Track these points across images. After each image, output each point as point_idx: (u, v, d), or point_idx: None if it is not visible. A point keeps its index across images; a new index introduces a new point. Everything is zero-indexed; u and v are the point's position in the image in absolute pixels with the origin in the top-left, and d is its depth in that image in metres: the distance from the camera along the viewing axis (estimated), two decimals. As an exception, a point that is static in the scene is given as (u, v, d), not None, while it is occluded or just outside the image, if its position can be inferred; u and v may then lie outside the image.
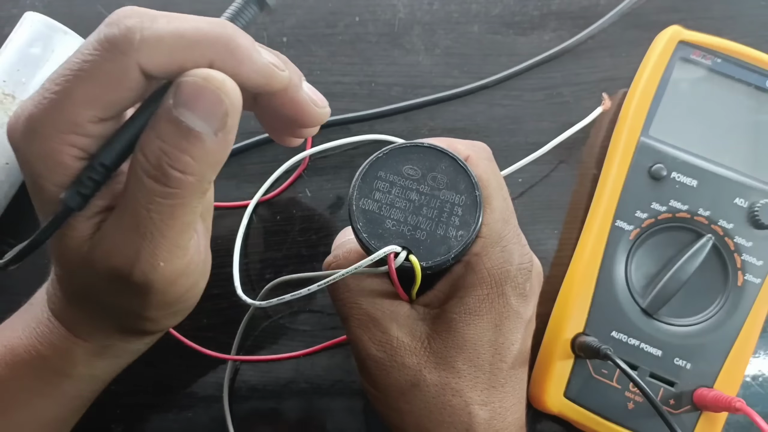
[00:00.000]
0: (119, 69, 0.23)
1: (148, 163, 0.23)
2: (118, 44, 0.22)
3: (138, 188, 0.24)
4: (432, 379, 0.29)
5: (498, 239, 0.29)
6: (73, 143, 0.24)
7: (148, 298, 0.27)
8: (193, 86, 0.23)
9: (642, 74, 0.43)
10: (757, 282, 0.39)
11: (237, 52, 0.24)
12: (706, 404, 0.37)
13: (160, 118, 0.24)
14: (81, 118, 0.23)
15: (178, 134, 0.23)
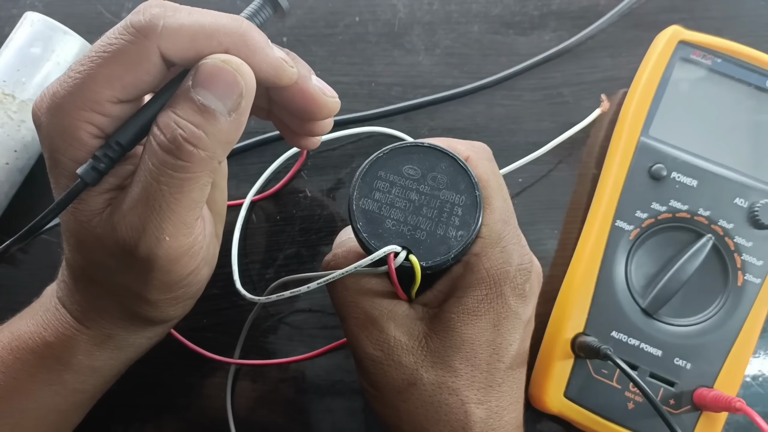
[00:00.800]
0: (141, 52, 0.24)
1: (163, 135, 0.25)
2: (142, 29, 0.24)
3: (151, 160, 0.25)
4: (429, 378, 0.29)
5: (498, 240, 0.29)
6: (91, 120, 0.25)
7: (150, 275, 0.28)
8: (212, 67, 0.25)
9: (642, 74, 0.43)
10: (757, 282, 0.39)
11: (251, 43, 0.26)
12: (706, 404, 0.37)
13: (177, 96, 0.26)
14: (101, 96, 0.25)
15: (194, 111, 0.25)
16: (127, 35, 0.25)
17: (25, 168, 0.43)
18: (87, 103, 0.25)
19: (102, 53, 0.25)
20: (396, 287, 0.29)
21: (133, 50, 0.24)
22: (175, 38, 0.25)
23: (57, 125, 0.26)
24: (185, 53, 0.25)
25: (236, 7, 0.48)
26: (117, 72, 0.25)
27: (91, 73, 0.25)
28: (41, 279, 0.43)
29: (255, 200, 0.44)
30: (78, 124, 0.25)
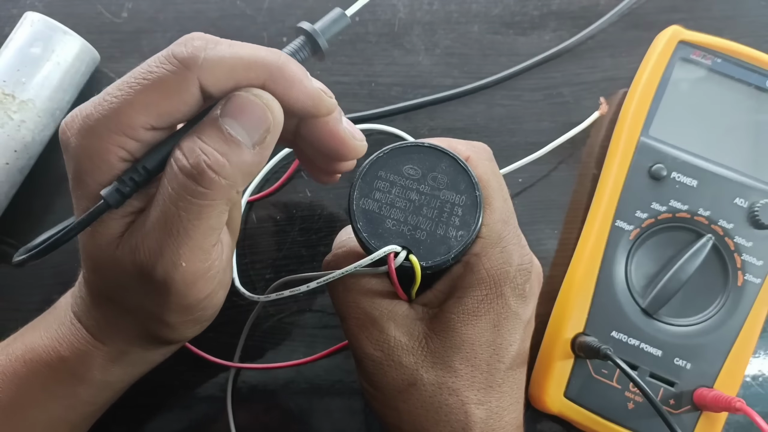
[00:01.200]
0: (181, 82, 0.25)
1: (186, 159, 0.25)
2: (184, 60, 0.25)
3: (171, 185, 0.25)
4: (429, 379, 0.29)
5: (498, 240, 0.29)
6: (122, 145, 0.26)
7: (168, 299, 0.28)
8: (243, 99, 0.26)
9: (642, 74, 0.43)
10: (757, 282, 0.39)
11: (289, 75, 0.26)
12: (706, 404, 0.37)
13: (204, 124, 0.26)
14: (135, 122, 0.25)
15: (220, 139, 0.25)
16: (169, 65, 0.25)
17: (25, 168, 0.43)
18: (121, 127, 0.25)
19: (142, 80, 0.25)
20: (396, 287, 0.29)
21: (173, 80, 0.25)
22: (215, 70, 0.25)
23: (87, 147, 0.26)
24: (224, 85, 0.26)
25: (236, 6, 0.48)
26: (154, 99, 0.25)
27: (128, 98, 0.25)
28: (41, 279, 0.43)
29: (252, 200, 0.44)
30: (109, 148, 0.26)
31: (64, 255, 0.43)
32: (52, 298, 0.42)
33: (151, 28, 0.48)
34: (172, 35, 0.48)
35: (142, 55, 0.48)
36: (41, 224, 0.44)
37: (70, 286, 0.42)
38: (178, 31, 0.48)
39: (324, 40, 0.29)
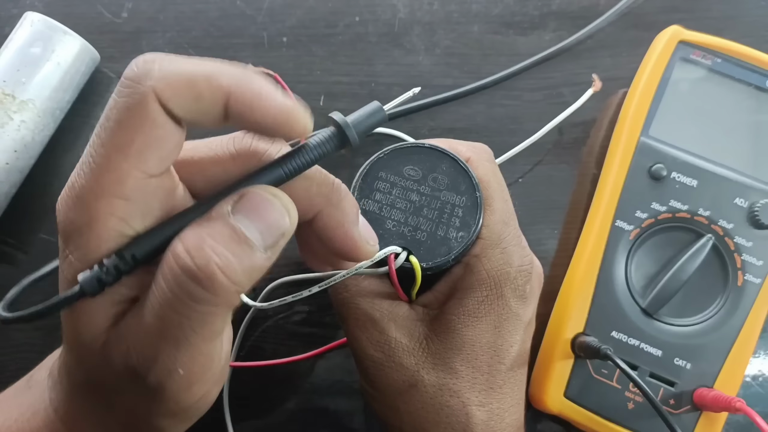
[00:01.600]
0: (141, 104, 0.21)
1: (191, 259, 0.21)
2: (135, 77, 0.21)
3: (170, 287, 0.22)
4: (430, 380, 0.29)
5: (498, 241, 0.29)
6: (112, 210, 0.22)
7: (159, 404, 0.25)
8: (260, 198, 0.23)
9: (642, 74, 0.43)
10: (757, 282, 0.39)
11: (255, 85, 0.23)
12: (706, 404, 0.37)
13: (213, 220, 0.22)
14: (119, 172, 0.22)
15: (232, 239, 0.22)
16: (123, 90, 0.22)
17: (25, 168, 0.43)
18: (107, 186, 0.22)
19: (106, 123, 0.22)
20: (396, 288, 0.29)
21: (131, 105, 0.21)
22: (171, 81, 0.21)
23: (75, 221, 0.23)
24: (185, 100, 0.22)
25: (236, 6, 0.48)
26: (124, 137, 0.21)
27: (101, 149, 0.22)
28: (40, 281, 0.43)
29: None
30: (99, 217, 0.22)
31: (65, 255, 0.43)
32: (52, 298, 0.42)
33: (151, 28, 0.48)
34: (172, 35, 0.48)
35: (142, 55, 0.48)
36: (41, 224, 0.44)
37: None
38: (178, 31, 0.48)
39: (354, 133, 0.25)
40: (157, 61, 0.22)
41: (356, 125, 0.25)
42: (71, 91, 0.45)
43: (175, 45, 0.48)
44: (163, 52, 0.22)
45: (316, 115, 0.47)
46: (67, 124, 0.46)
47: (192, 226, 0.22)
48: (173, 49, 0.48)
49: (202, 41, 0.48)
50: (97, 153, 0.22)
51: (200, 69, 0.22)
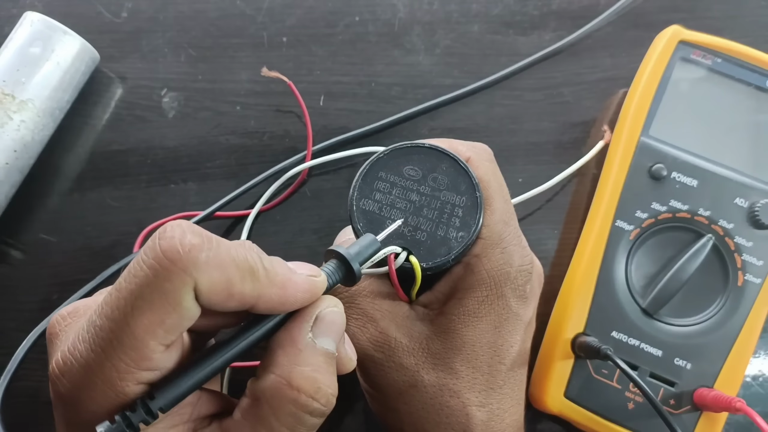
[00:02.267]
0: (179, 290, 0.20)
1: (320, 403, 0.23)
2: (180, 263, 0.20)
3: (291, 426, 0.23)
4: (430, 380, 0.29)
5: (498, 241, 0.29)
6: (140, 380, 0.21)
7: None
8: (332, 315, 0.24)
9: (642, 74, 0.43)
10: (757, 282, 0.39)
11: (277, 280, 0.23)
12: (707, 404, 0.37)
13: (305, 351, 0.23)
14: (148, 350, 0.21)
15: (327, 362, 0.24)
16: (162, 269, 0.20)
17: (25, 168, 0.43)
18: (134, 362, 0.21)
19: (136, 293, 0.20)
20: (396, 288, 0.29)
21: (170, 289, 0.20)
22: (212, 280, 0.21)
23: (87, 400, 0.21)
24: (218, 297, 0.21)
25: (236, 6, 0.48)
26: (157, 318, 0.20)
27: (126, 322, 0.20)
28: (41, 279, 0.43)
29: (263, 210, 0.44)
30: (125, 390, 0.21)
31: (63, 255, 0.43)
32: (51, 298, 0.42)
33: (151, 28, 0.48)
34: (172, 35, 0.48)
35: (142, 55, 0.48)
36: (41, 224, 0.44)
37: (68, 286, 0.43)
38: (177, 30, 0.48)
39: (358, 266, 0.26)
40: (204, 251, 0.21)
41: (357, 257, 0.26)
42: (71, 91, 0.45)
43: (175, 45, 0.48)
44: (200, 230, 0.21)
45: (316, 115, 0.47)
46: (66, 124, 0.46)
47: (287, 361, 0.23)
48: (173, 49, 0.48)
49: (202, 41, 0.48)
50: (119, 328, 0.20)
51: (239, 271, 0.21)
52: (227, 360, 0.23)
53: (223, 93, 0.47)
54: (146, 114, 0.47)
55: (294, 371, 0.23)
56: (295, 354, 0.23)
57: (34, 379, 0.41)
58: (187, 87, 0.47)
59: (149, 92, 0.47)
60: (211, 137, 0.46)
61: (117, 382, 0.21)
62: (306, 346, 0.23)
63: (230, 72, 0.47)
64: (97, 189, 0.45)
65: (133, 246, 0.42)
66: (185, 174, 0.45)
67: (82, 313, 0.24)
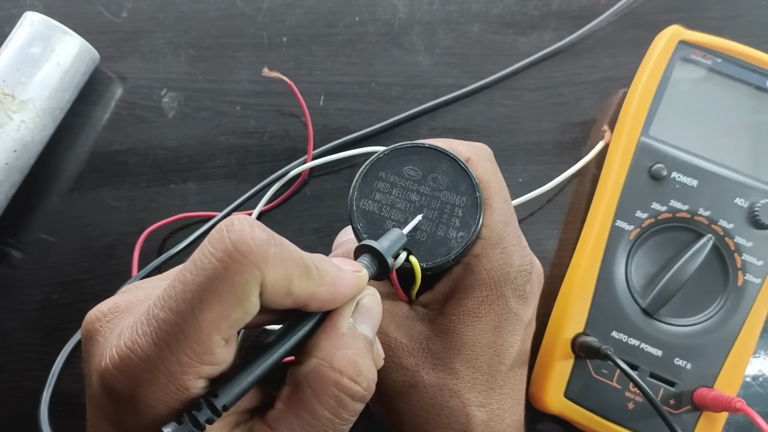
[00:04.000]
0: (250, 284, 0.20)
1: (360, 386, 0.23)
2: (252, 256, 0.20)
3: (332, 408, 0.22)
4: (430, 380, 0.29)
5: (498, 241, 0.29)
6: (202, 374, 0.21)
7: None
8: (370, 302, 0.25)
9: (642, 74, 0.43)
10: (757, 282, 0.39)
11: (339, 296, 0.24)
12: (707, 404, 0.37)
13: (347, 335, 0.24)
14: (212, 344, 0.21)
15: (366, 347, 0.24)
16: (233, 262, 0.20)
17: (25, 168, 0.43)
18: (197, 356, 0.20)
19: (204, 285, 0.20)
20: (396, 288, 0.29)
21: (239, 283, 0.20)
22: (278, 277, 0.21)
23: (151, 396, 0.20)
24: (279, 294, 0.21)
25: (236, 6, 0.48)
26: (223, 311, 0.20)
27: (191, 314, 0.20)
28: (41, 279, 0.43)
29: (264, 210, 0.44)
30: (187, 384, 0.21)
31: (63, 255, 0.43)
32: (51, 298, 0.42)
33: (151, 28, 0.48)
34: (172, 35, 0.48)
35: (142, 55, 0.48)
36: (41, 224, 0.44)
37: (68, 286, 0.43)
38: (177, 30, 0.48)
39: (392, 259, 0.26)
40: (272, 246, 0.21)
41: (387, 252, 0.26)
42: (71, 91, 0.45)
43: (174, 45, 0.48)
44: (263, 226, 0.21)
45: (316, 115, 0.47)
46: (66, 124, 0.46)
47: (330, 345, 0.23)
48: (173, 49, 0.48)
49: (202, 41, 0.48)
50: (185, 321, 0.20)
51: (298, 270, 0.22)
52: (281, 356, 0.23)
53: (223, 93, 0.47)
54: (146, 114, 0.47)
55: (336, 354, 0.23)
56: (337, 338, 0.23)
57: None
58: (187, 87, 0.47)
59: (149, 92, 0.47)
60: (211, 137, 0.46)
61: (180, 376, 0.20)
62: (348, 331, 0.24)
63: (230, 72, 0.47)
64: (97, 189, 0.45)
65: (133, 246, 0.42)
66: (185, 174, 0.45)
67: (124, 309, 0.24)
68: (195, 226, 0.44)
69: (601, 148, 0.43)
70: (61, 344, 0.40)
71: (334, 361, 0.23)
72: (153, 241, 0.43)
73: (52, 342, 0.42)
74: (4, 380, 0.42)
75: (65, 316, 0.43)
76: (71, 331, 0.41)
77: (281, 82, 0.44)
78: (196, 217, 0.44)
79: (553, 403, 0.39)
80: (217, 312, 0.20)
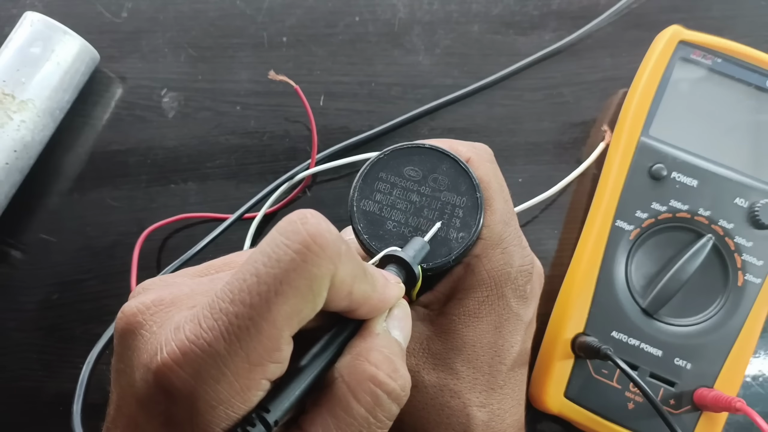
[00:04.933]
0: (324, 278, 0.20)
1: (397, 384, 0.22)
2: (329, 251, 0.20)
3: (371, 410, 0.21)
4: (430, 381, 0.29)
5: (499, 241, 0.29)
6: (267, 375, 0.20)
7: None
8: (402, 311, 0.24)
9: (642, 74, 0.42)
10: (757, 282, 0.39)
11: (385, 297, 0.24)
12: (707, 404, 0.37)
13: (381, 336, 0.23)
14: (281, 342, 0.20)
15: (400, 351, 0.23)
16: (312, 255, 0.19)
17: (25, 168, 0.43)
18: (266, 353, 0.19)
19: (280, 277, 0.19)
20: (397, 288, 0.29)
21: (316, 277, 0.19)
22: (348, 273, 0.20)
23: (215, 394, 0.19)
24: (342, 289, 0.21)
25: (236, 6, 0.48)
26: (297, 306, 0.19)
27: (266, 307, 0.19)
28: (41, 279, 0.43)
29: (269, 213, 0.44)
30: (250, 385, 0.20)
31: (63, 255, 0.43)
32: (51, 298, 0.42)
33: (151, 28, 0.48)
34: (172, 35, 0.48)
35: (142, 55, 0.48)
36: (41, 224, 0.44)
37: (68, 286, 0.43)
38: (177, 30, 0.48)
39: (419, 268, 0.27)
40: (344, 243, 0.20)
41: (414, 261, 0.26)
42: (71, 91, 0.45)
43: (175, 45, 0.48)
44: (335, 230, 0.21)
45: (316, 115, 0.47)
46: (66, 124, 0.46)
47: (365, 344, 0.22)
48: (173, 49, 0.48)
49: (202, 41, 0.48)
50: (259, 315, 0.19)
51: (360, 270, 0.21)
52: (330, 362, 0.22)
53: (223, 93, 0.47)
54: (146, 114, 0.47)
55: (372, 351, 0.22)
56: (372, 338, 0.23)
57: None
58: (187, 87, 0.47)
59: (149, 92, 0.47)
60: (211, 137, 0.46)
61: (246, 374, 0.19)
62: (382, 332, 0.23)
63: (230, 72, 0.47)
64: (97, 189, 0.45)
65: (133, 246, 0.42)
66: (185, 174, 0.45)
67: (170, 302, 0.22)
68: (195, 226, 0.44)
69: (602, 150, 0.43)
70: (62, 344, 0.40)
71: (369, 357, 0.22)
72: (153, 241, 0.43)
73: (52, 342, 0.42)
74: (4, 380, 0.42)
75: (65, 316, 0.43)
76: (71, 330, 0.41)
77: (281, 82, 0.44)
78: (196, 218, 0.44)
79: (553, 403, 0.39)
80: (292, 306, 0.19)
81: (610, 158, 0.42)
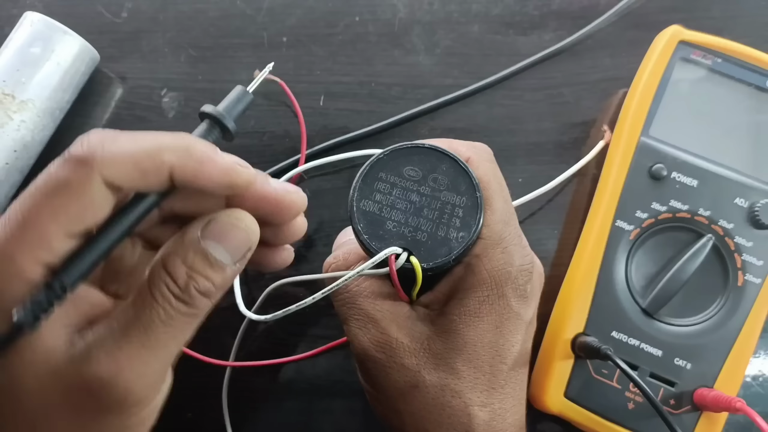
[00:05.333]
0: (82, 181, 0.23)
1: (177, 286, 0.25)
2: (81, 158, 0.23)
3: (164, 307, 0.25)
4: (431, 381, 0.29)
5: (499, 240, 0.29)
6: (38, 259, 0.23)
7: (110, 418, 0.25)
8: (225, 225, 0.26)
9: (642, 74, 0.42)
10: (757, 282, 0.39)
11: (197, 155, 0.25)
12: (707, 404, 0.37)
13: (186, 246, 0.25)
14: (46, 231, 0.23)
15: (205, 264, 0.25)
16: (67, 166, 0.23)
17: (25, 168, 0.43)
18: (33, 241, 0.23)
19: (42, 187, 0.23)
20: (397, 289, 0.29)
21: (73, 180, 0.23)
22: (116, 165, 0.24)
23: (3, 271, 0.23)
24: (130, 176, 0.24)
25: (236, 6, 0.48)
26: (60, 204, 0.23)
27: (33, 208, 0.23)
28: (41, 279, 0.43)
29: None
30: (24, 266, 0.23)
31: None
32: None
33: (151, 28, 0.48)
34: (172, 35, 0.48)
35: (142, 55, 0.48)
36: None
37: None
38: (178, 31, 0.48)
39: (232, 121, 0.29)
40: (101, 144, 0.24)
41: (229, 112, 0.29)
42: (71, 91, 0.45)
43: (175, 45, 0.48)
44: (110, 130, 0.24)
45: (316, 115, 0.47)
46: (66, 124, 0.46)
47: (171, 255, 0.25)
48: (173, 49, 0.48)
49: (202, 41, 0.48)
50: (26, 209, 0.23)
51: (144, 150, 0.24)
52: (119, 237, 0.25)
53: (223, 93, 0.46)
54: (146, 114, 0.47)
55: (170, 256, 0.25)
56: (179, 245, 0.25)
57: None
58: (187, 87, 0.47)
59: (149, 92, 0.47)
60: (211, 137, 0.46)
61: (17, 258, 0.23)
62: (189, 241, 0.25)
63: (230, 72, 0.47)
64: (97, 189, 0.45)
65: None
66: (185, 174, 0.45)
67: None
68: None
69: (601, 148, 0.43)
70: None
71: (167, 262, 0.25)
72: (153, 241, 0.43)
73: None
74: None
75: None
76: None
77: (269, 81, 0.44)
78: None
79: (553, 403, 0.39)
80: (53, 204, 0.23)
81: (610, 158, 0.42)
